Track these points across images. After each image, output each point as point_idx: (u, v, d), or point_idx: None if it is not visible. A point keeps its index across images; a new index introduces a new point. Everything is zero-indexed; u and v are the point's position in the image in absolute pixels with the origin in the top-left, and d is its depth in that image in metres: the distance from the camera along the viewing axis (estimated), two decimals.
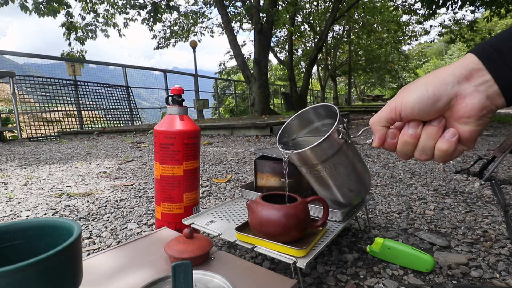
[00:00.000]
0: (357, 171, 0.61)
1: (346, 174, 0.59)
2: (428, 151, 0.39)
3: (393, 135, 0.41)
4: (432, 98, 0.36)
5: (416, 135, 0.39)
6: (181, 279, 0.40)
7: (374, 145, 0.43)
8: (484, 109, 0.34)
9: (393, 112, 0.39)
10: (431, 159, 0.39)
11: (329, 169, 0.57)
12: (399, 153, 0.42)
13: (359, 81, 28.96)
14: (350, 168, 0.59)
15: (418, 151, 0.39)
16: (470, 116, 0.35)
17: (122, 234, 0.97)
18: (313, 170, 0.58)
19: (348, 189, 0.62)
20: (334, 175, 0.58)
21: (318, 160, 0.55)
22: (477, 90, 0.34)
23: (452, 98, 0.35)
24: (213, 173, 1.79)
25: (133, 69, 6.83)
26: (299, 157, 0.56)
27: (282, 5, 9.02)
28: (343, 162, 0.57)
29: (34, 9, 5.97)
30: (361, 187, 0.64)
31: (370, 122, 0.43)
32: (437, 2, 6.27)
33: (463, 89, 0.34)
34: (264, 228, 0.58)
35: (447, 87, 0.35)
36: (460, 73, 0.34)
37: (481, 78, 0.33)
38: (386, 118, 0.41)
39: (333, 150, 0.54)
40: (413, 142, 0.39)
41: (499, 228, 0.94)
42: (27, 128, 4.99)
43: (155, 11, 7.01)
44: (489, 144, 2.68)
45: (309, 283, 0.67)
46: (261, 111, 7.26)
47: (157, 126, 0.78)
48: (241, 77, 10.31)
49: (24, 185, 1.60)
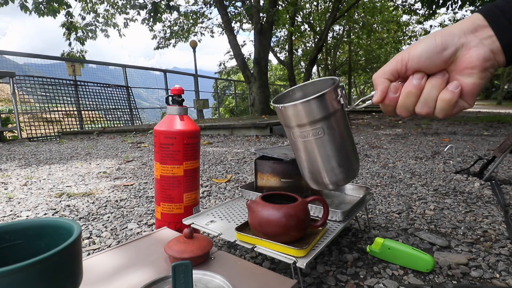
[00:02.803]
0: (348, 145, 0.57)
1: (337, 144, 0.55)
2: (431, 102, 0.39)
3: (396, 88, 0.41)
4: (440, 46, 0.37)
5: (420, 85, 0.39)
6: (181, 279, 0.41)
7: (375, 100, 0.43)
8: (488, 61, 0.35)
9: (399, 63, 0.40)
10: (431, 112, 0.40)
11: (319, 133, 0.53)
12: (399, 108, 0.42)
13: (359, 81, 28.95)
14: (341, 138, 0.55)
15: (421, 103, 0.40)
16: (474, 66, 0.36)
17: (122, 234, 0.97)
18: (302, 132, 0.54)
19: (337, 163, 0.56)
20: (324, 142, 0.54)
21: (310, 119, 0.52)
22: (482, 43, 0.35)
23: (459, 49, 0.36)
24: (213, 173, 1.79)
25: (133, 69, 6.83)
26: (292, 112, 0.52)
27: (282, 5, 9.02)
28: (336, 129, 0.54)
29: (34, 9, 5.97)
30: (350, 165, 0.58)
31: (373, 76, 0.43)
32: (437, 2, 6.27)
33: (469, 41, 0.36)
34: (264, 228, 0.58)
35: (454, 38, 0.36)
36: (467, 27, 0.36)
37: (486, 33, 0.35)
38: (391, 70, 0.41)
39: (327, 111, 0.51)
40: (417, 93, 0.40)
41: (499, 228, 0.94)
42: (27, 128, 4.98)
43: (155, 11, 7.01)
44: (489, 144, 2.68)
45: (309, 283, 0.67)
46: (261, 111, 7.26)
47: (157, 126, 0.78)
48: (241, 77, 10.31)
49: (24, 185, 1.60)
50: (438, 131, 3.78)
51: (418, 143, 2.80)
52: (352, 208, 0.77)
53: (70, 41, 7.41)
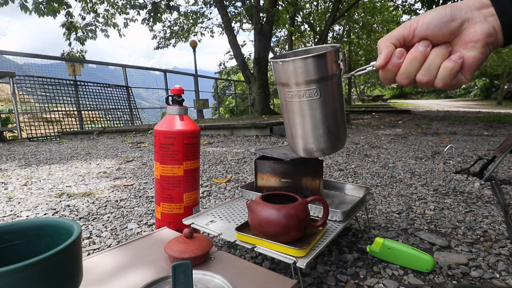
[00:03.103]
0: (339, 114, 0.57)
1: (330, 109, 0.55)
2: (433, 70, 0.40)
3: (400, 54, 0.42)
4: (449, 16, 0.39)
5: (425, 52, 0.41)
6: (181, 279, 0.41)
7: (378, 64, 0.43)
8: (490, 36, 0.38)
9: (407, 28, 0.41)
10: (432, 81, 0.41)
11: (315, 95, 0.53)
12: (401, 75, 0.42)
13: (359, 81, 28.95)
14: (334, 105, 0.55)
15: (423, 69, 0.41)
16: (478, 40, 0.38)
17: (122, 234, 0.97)
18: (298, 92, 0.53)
19: (326, 129, 0.56)
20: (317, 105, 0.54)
21: (307, 77, 0.51)
22: (486, 19, 0.38)
23: (465, 22, 0.39)
24: (213, 173, 1.79)
25: (133, 69, 6.83)
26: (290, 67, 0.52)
27: (282, 5, 9.02)
28: (330, 94, 0.53)
29: (34, 9, 5.97)
30: (338, 135, 0.58)
31: (379, 41, 0.44)
32: (437, 2, 6.27)
33: (475, 16, 0.38)
34: (264, 228, 0.58)
35: (462, 12, 0.39)
36: (473, 4, 0.39)
37: (489, 11, 0.38)
38: (397, 35, 0.42)
39: (326, 73, 0.50)
40: (421, 59, 0.41)
41: (499, 228, 0.94)
42: (27, 128, 4.98)
43: (155, 11, 7.01)
44: (489, 144, 2.68)
45: (309, 283, 0.67)
46: (261, 111, 7.26)
47: (157, 126, 0.78)
48: (241, 77, 10.31)
49: (24, 185, 1.60)
50: (438, 131, 3.78)
51: (418, 143, 2.80)
52: (352, 208, 0.77)
53: (70, 41, 7.41)
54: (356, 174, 1.71)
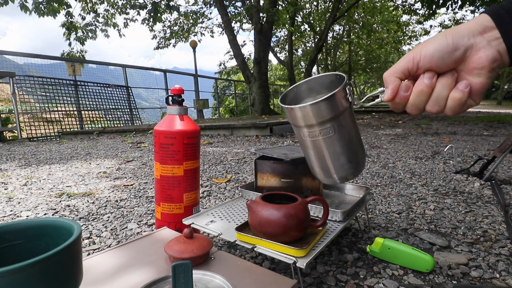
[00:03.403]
0: (356, 141, 0.58)
1: (346, 141, 0.56)
2: (442, 101, 0.40)
3: (407, 87, 0.42)
4: (451, 46, 0.38)
5: (431, 84, 0.40)
6: (181, 279, 0.41)
7: (385, 98, 0.44)
8: (495, 61, 0.37)
9: (411, 62, 0.41)
10: (441, 111, 0.41)
11: (329, 133, 0.53)
12: (410, 106, 0.43)
13: (359, 81, 28.94)
14: (350, 135, 0.56)
15: (432, 101, 0.41)
16: (483, 67, 0.38)
17: (122, 234, 0.97)
18: (312, 132, 0.54)
19: (346, 159, 0.57)
20: (333, 141, 0.55)
21: (319, 119, 0.52)
22: (489, 44, 0.37)
23: (468, 49, 0.38)
24: (213, 173, 1.79)
25: (133, 69, 6.83)
26: (301, 113, 0.53)
27: (282, 5, 9.02)
28: (345, 127, 0.54)
29: (34, 9, 5.97)
30: (358, 160, 0.59)
31: (384, 75, 0.44)
32: (437, 2, 6.27)
33: (478, 42, 0.37)
34: (264, 228, 0.58)
35: (464, 39, 0.38)
36: (475, 28, 0.38)
37: (493, 35, 0.37)
38: (402, 69, 0.42)
39: (337, 111, 0.51)
40: (428, 92, 0.41)
41: (499, 228, 0.94)
42: (27, 128, 4.98)
43: (155, 11, 7.01)
44: (489, 144, 2.68)
45: (309, 283, 0.67)
46: (261, 111, 7.26)
47: (157, 126, 0.78)
48: (241, 77, 10.31)
49: (24, 185, 1.60)
50: (438, 131, 3.78)
51: (418, 143, 2.80)
52: (352, 208, 0.77)
53: (70, 41, 7.42)
54: None
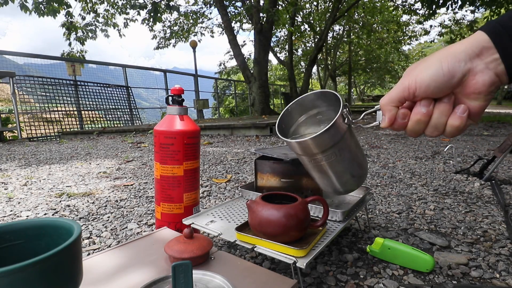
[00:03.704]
0: (358, 156, 0.59)
1: (349, 160, 0.57)
2: (441, 127, 0.40)
3: (404, 115, 0.42)
4: (448, 75, 0.37)
5: (428, 113, 0.40)
6: (181, 279, 0.40)
7: (383, 126, 0.44)
8: (493, 85, 0.36)
9: (406, 91, 0.40)
10: (441, 134, 0.41)
11: (331, 157, 0.54)
12: (409, 132, 0.42)
13: (359, 81, 28.94)
14: (352, 153, 0.57)
15: (431, 128, 0.41)
16: (480, 92, 0.37)
17: (122, 234, 0.97)
18: (315, 159, 0.55)
19: (350, 175, 0.59)
20: (336, 163, 0.56)
21: (320, 149, 0.53)
22: (487, 67, 0.36)
23: (465, 74, 0.37)
24: (213, 173, 1.79)
25: (133, 69, 6.83)
26: (301, 147, 0.54)
27: (282, 5, 9.02)
28: (346, 148, 0.55)
29: (34, 9, 5.97)
30: (361, 173, 0.62)
31: (381, 102, 0.43)
32: (437, 2, 6.27)
33: (475, 66, 0.36)
34: (264, 228, 0.58)
35: (461, 64, 0.36)
36: (472, 50, 0.36)
37: (491, 56, 0.35)
38: (398, 98, 0.41)
39: (337, 138, 0.52)
40: (426, 120, 0.40)
41: (499, 228, 0.94)
42: (27, 128, 4.98)
43: (155, 11, 7.01)
44: (489, 144, 2.68)
45: (309, 283, 0.67)
46: (261, 111, 7.26)
47: (157, 126, 0.78)
48: (241, 77, 10.31)
49: (24, 185, 1.60)
50: None
51: (418, 143, 2.80)
52: (352, 208, 0.77)
53: (70, 41, 7.41)
54: None
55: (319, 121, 0.63)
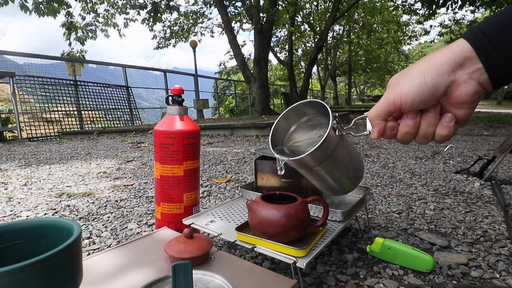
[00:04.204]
0: (354, 160, 0.61)
1: (345, 165, 0.59)
2: (429, 137, 0.41)
3: (392, 127, 0.43)
4: (432, 89, 0.37)
5: (416, 124, 0.41)
6: (181, 279, 0.40)
7: (373, 137, 0.45)
8: (476, 94, 0.37)
9: (392, 105, 0.40)
10: (430, 141, 0.42)
11: (327, 167, 0.56)
12: (399, 141, 0.44)
13: (359, 81, 28.95)
14: (347, 159, 0.59)
15: (419, 138, 0.42)
16: (464, 102, 0.37)
17: (122, 234, 0.97)
18: (312, 170, 0.57)
19: (347, 179, 0.62)
20: (333, 171, 0.58)
21: (316, 163, 0.54)
22: (470, 78, 0.36)
23: (449, 86, 0.37)
24: (213, 173, 1.79)
25: (133, 69, 6.83)
26: (296, 163, 0.55)
27: (282, 5, 9.02)
28: (341, 156, 0.57)
29: (34, 9, 5.98)
30: (358, 174, 0.64)
31: (368, 116, 0.44)
32: (437, 2, 6.27)
33: (458, 77, 0.36)
34: (264, 228, 0.58)
35: (444, 77, 0.36)
36: (455, 61, 0.36)
37: (474, 66, 0.35)
38: (385, 112, 0.42)
39: (330, 149, 0.53)
40: (414, 132, 0.41)
41: (499, 228, 0.94)
42: (27, 128, 4.98)
43: (155, 11, 7.01)
44: (489, 144, 2.68)
45: (309, 283, 0.67)
46: (261, 111, 7.26)
47: (157, 126, 0.78)
48: (241, 77, 10.30)
49: (24, 185, 1.60)
50: None
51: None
52: (352, 208, 0.77)
53: (70, 41, 7.42)
54: None
55: (310, 127, 0.65)
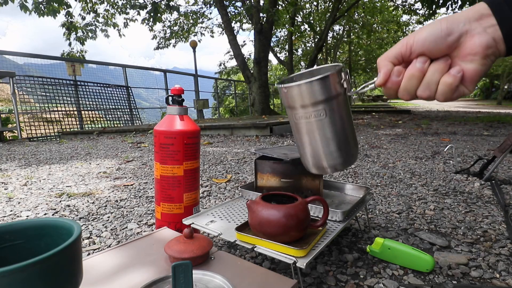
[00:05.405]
0: (348, 130, 0.58)
1: (338, 127, 0.56)
2: (433, 85, 0.40)
3: (399, 72, 0.42)
4: (445, 31, 0.38)
5: (423, 69, 0.40)
6: (181, 279, 0.41)
7: (377, 83, 0.44)
8: (490, 48, 0.37)
9: (404, 46, 0.41)
10: (433, 96, 0.41)
11: (321, 115, 0.54)
12: (401, 91, 0.43)
13: (359, 81, 28.95)
14: (342, 122, 0.57)
15: (423, 86, 0.41)
16: (477, 53, 0.37)
17: (122, 234, 0.97)
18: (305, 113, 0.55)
19: (336, 146, 0.57)
20: (325, 124, 0.55)
21: (313, 100, 0.53)
22: (485, 31, 0.37)
23: (463, 35, 0.38)
24: (213, 173, 1.79)
25: (133, 69, 6.83)
26: (295, 92, 0.54)
27: (282, 5, 9.02)
28: (337, 112, 0.55)
29: (34, 9, 5.97)
30: (349, 150, 0.59)
31: (378, 60, 0.44)
32: (437, 2, 6.27)
33: (473, 28, 0.37)
34: (264, 228, 0.58)
35: (459, 24, 0.38)
36: (472, 15, 0.37)
37: (489, 22, 0.37)
38: (395, 54, 0.42)
39: (330, 93, 0.52)
40: (420, 76, 0.41)
41: (499, 228, 0.94)
42: (27, 128, 4.98)
43: (155, 11, 7.01)
44: (489, 144, 2.68)
45: (309, 283, 0.67)
46: (261, 111, 7.26)
47: (157, 126, 0.78)
48: (241, 77, 10.31)
49: (24, 185, 1.60)
50: (438, 131, 3.78)
51: (418, 143, 2.80)
52: (352, 208, 0.77)
53: (70, 41, 7.41)
54: (356, 174, 1.71)
55: None
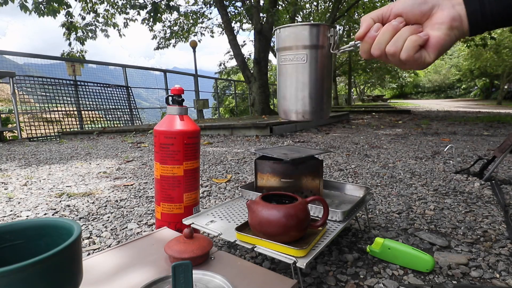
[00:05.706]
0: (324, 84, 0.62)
1: (315, 76, 0.60)
2: (400, 42, 0.45)
3: (377, 28, 0.47)
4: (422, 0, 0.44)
5: (397, 27, 0.45)
6: (181, 279, 0.41)
7: (357, 35, 0.49)
8: (455, 20, 0.42)
9: (386, 8, 0.47)
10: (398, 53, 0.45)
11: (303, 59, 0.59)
12: (374, 46, 0.48)
13: (359, 81, 28.94)
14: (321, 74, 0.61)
15: (392, 41, 0.46)
16: (443, 22, 0.43)
17: (122, 234, 0.97)
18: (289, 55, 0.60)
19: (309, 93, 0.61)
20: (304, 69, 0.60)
21: (299, 42, 0.58)
22: (453, 7, 0.43)
23: (435, 6, 0.44)
24: (213, 173, 1.79)
25: (133, 69, 6.83)
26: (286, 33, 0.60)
27: (282, 5, 9.02)
28: (318, 63, 0.60)
29: (34, 9, 5.97)
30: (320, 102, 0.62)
31: (362, 17, 0.50)
32: None
33: (444, 4, 0.43)
34: (264, 228, 0.58)
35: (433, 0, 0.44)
36: None
37: (458, 1, 0.42)
38: (377, 13, 0.48)
39: (316, 41, 0.57)
40: (393, 33, 0.46)
41: (499, 228, 0.94)
42: (27, 128, 4.98)
43: (155, 11, 7.01)
44: (489, 144, 2.68)
45: (309, 283, 0.67)
46: (261, 111, 7.26)
47: (157, 126, 0.78)
48: (241, 77, 10.30)
49: (24, 185, 1.60)
50: (438, 131, 3.78)
51: (418, 143, 2.80)
52: (352, 208, 0.77)
53: (70, 41, 7.41)
54: (356, 174, 1.71)
55: None
